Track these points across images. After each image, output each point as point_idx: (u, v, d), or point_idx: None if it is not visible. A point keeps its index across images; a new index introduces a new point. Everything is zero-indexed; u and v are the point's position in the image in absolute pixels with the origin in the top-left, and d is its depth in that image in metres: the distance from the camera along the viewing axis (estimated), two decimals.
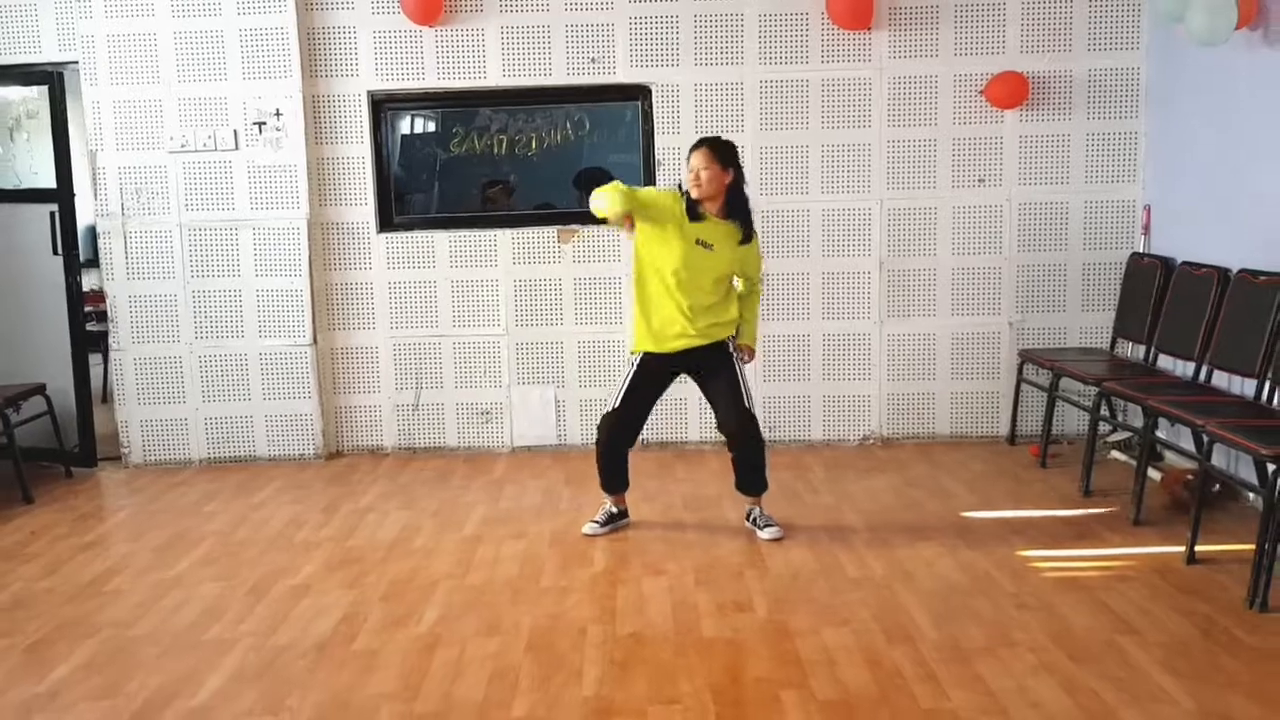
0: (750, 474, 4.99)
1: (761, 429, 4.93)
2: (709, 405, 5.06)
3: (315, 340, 6.46)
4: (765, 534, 4.92)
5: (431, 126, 6.63)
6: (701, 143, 4.81)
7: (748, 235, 4.84)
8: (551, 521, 5.30)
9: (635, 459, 5.23)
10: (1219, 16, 4.98)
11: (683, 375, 5.03)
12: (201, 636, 4.11)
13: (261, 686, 3.70)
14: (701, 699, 3.51)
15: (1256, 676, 3.56)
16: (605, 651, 3.86)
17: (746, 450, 4.92)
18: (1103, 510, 5.19)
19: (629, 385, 4.92)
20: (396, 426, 6.61)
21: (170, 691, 3.68)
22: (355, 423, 6.62)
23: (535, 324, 6.52)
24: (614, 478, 5.09)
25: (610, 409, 4.96)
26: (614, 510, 5.14)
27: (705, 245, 4.76)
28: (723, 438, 5.02)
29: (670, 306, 4.81)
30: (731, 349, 4.93)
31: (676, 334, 4.83)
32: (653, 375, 4.95)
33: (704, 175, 4.73)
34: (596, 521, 5.09)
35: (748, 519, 5.05)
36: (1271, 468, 4.08)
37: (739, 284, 4.96)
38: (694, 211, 4.78)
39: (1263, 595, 4.03)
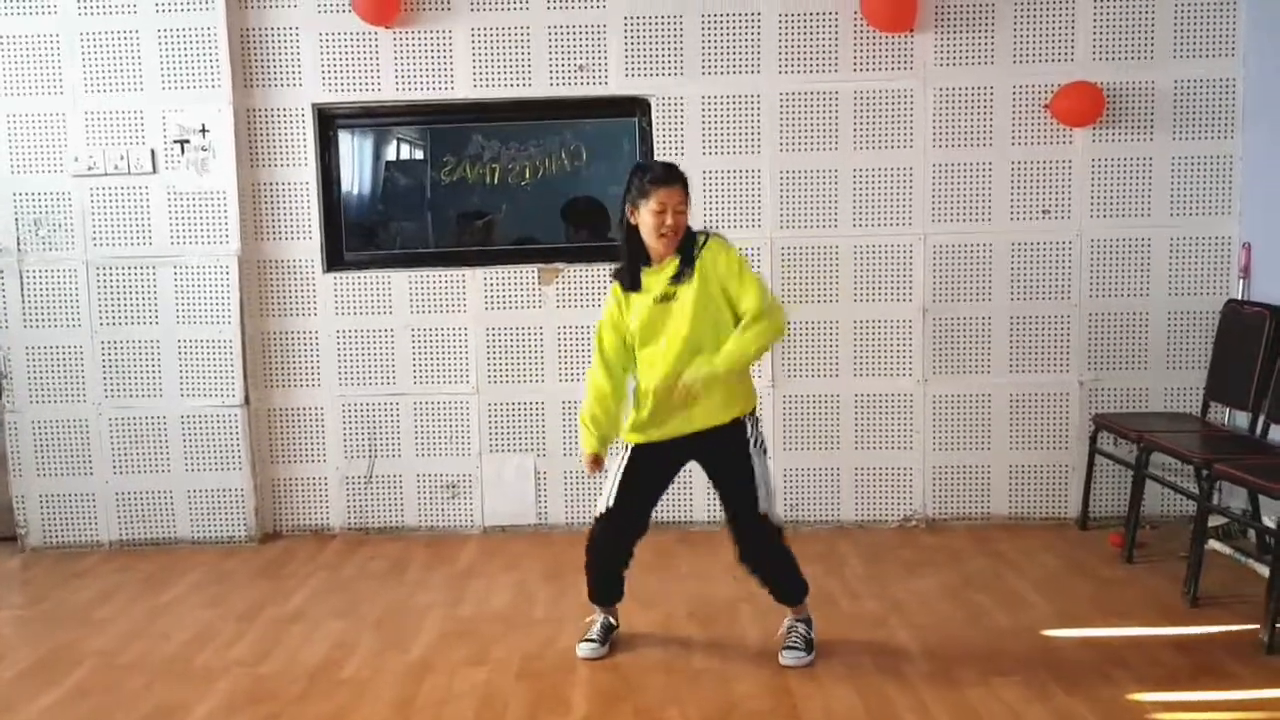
0: (779, 586, 3.97)
1: (783, 536, 3.92)
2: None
3: (248, 400, 5.52)
4: (783, 658, 3.90)
5: (419, 154, 5.76)
6: (674, 177, 3.78)
7: (688, 260, 3.77)
8: (523, 637, 4.22)
9: None
10: None
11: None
12: None
13: None
14: None
15: None
16: None
17: (761, 566, 3.91)
18: (1220, 629, 4.11)
19: (621, 480, 3.93)
20: (345, 503, 5.64)
21: None
22: (295, 499, 5.64)
23: (511, 381, 5.57)
24: (608, 589, 4.11)
25: (602, 510, 3.96)
26: (611, 623, 4.15)
27: (668, 299, 3.80)
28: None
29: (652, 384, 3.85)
30: (748, 432, 3.90)
31: (663, 418, 3.86)
32: (651, 464, 3.94)
33: (680, 220, 3.77)
34: (593, 641, 4.06)
35: (784, 634, 4.00)
36: None
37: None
38: (636, 272, 3.85)
39: None
